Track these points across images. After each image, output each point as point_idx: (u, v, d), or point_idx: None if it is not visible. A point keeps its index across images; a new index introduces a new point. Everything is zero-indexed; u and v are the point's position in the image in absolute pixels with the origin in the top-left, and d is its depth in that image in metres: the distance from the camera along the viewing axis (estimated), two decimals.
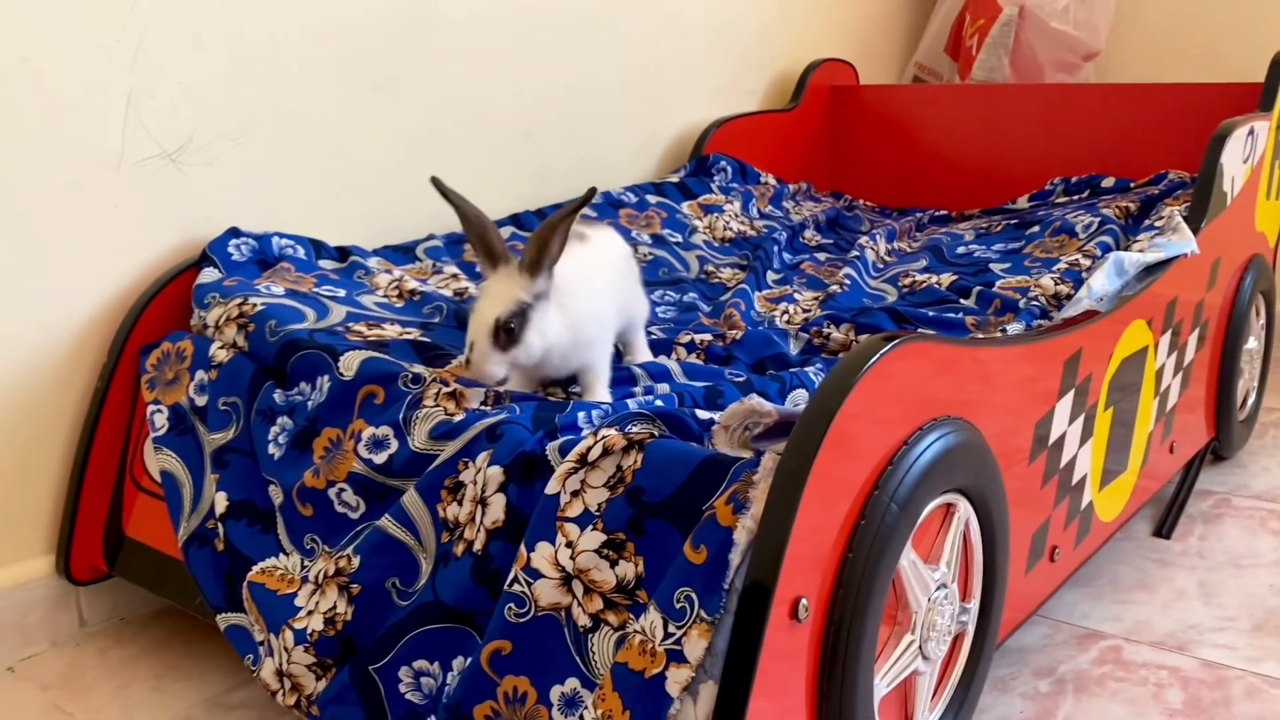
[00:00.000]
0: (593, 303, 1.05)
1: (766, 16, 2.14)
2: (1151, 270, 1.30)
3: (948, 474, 0.85)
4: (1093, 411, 1.17)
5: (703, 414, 0.91)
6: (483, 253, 1.00)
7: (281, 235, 1.32)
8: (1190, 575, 1.35)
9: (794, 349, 1.25)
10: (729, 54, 2.06)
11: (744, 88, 2.12)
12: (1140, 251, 1.31)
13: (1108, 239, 1.51)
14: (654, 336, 1.27)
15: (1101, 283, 1.25)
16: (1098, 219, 1.60)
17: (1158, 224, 1.45)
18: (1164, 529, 1.46)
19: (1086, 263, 1.45)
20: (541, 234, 0.97)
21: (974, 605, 0.95)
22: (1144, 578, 1.34)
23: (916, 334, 0.81)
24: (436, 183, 1.02)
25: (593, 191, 0.98)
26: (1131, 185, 1.87)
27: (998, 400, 0.96)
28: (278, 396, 1.06)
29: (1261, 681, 1.11)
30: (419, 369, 1.00)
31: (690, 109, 1.99)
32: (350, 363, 1.01)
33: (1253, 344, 1.70)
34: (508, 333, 0.95)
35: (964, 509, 0.90)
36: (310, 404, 1.03)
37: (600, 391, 1.05)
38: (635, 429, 0.84)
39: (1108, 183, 1.90)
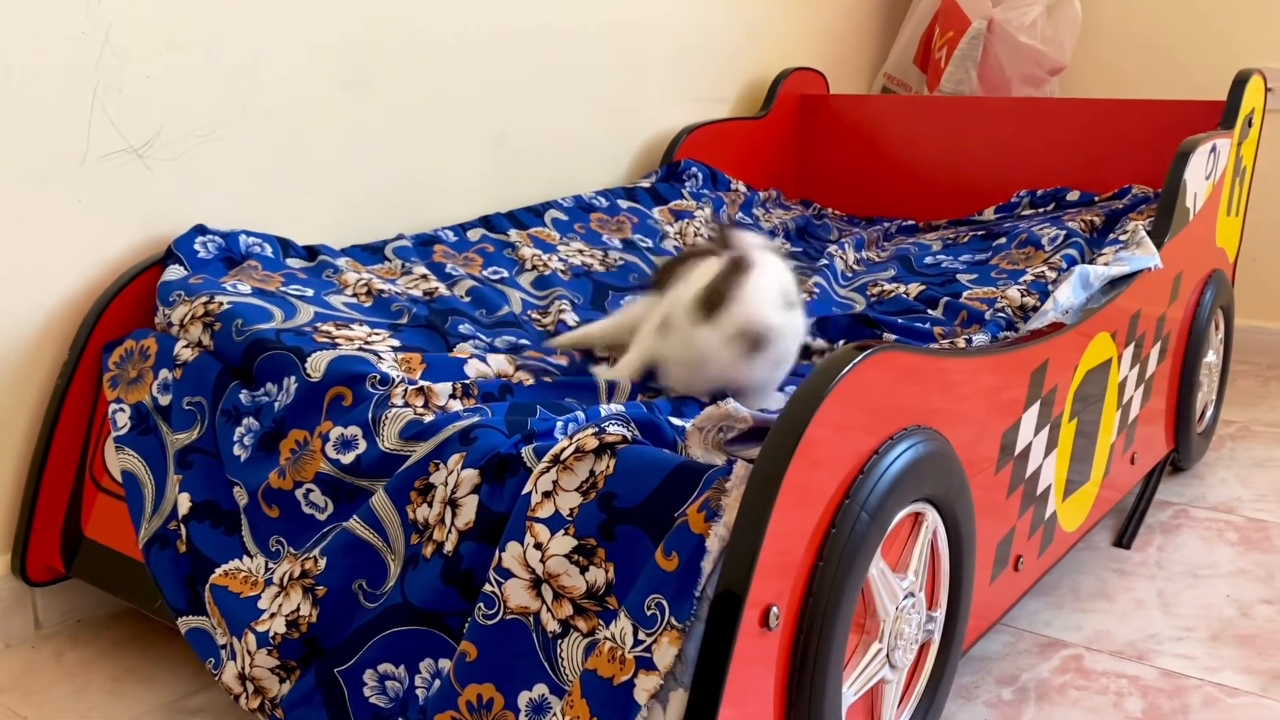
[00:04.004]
0: None
1: (739, 25, 2.14)
2: (1116, 283, 1.31)
3: (917, 483, 0.85)
4: (1058, 422, 1.18)
5: (676, 421, 0.91)
6: None
7: (249, 233, 1.30)
8: (1149, 585, 1.36)
9: None
10: (701, 61, 2.07)
11: (715, 95, 2.12)
12: (1105, 265, 1.33)
13: (1073, 252, 1.53)
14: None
15: (1067, 295, 1.26)
16: (1063, 232, 1.62)
17: (1122, 238, 1.47)
18: (1124, 539, 1.48)
19: (1052, 275, 1.47)
20: None
21: (940, 614, 0.96)
22: (1104, 587, 1.36)
23: (888, 344, 0.81)
24: None
25: None
26: (1096, 199, 1.89)
27: (966, 410, 0.97)
28: (243, 397, 1.05)
29: (1218, 691, 1.13)
30: (387, 369, 0.99)
31: (662, 114, 2.00)
32: (318, 363, 1.00)
33: (1212, 357, 1.73)
34: None
35: (932, 518, 0.91)
36: (277, 405, 1.02)
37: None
38: (610, 430, 0.83)
39: (1072, 196, 1.93)
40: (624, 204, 1.77)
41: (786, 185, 2.22)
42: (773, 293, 1.04)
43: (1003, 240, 1.70)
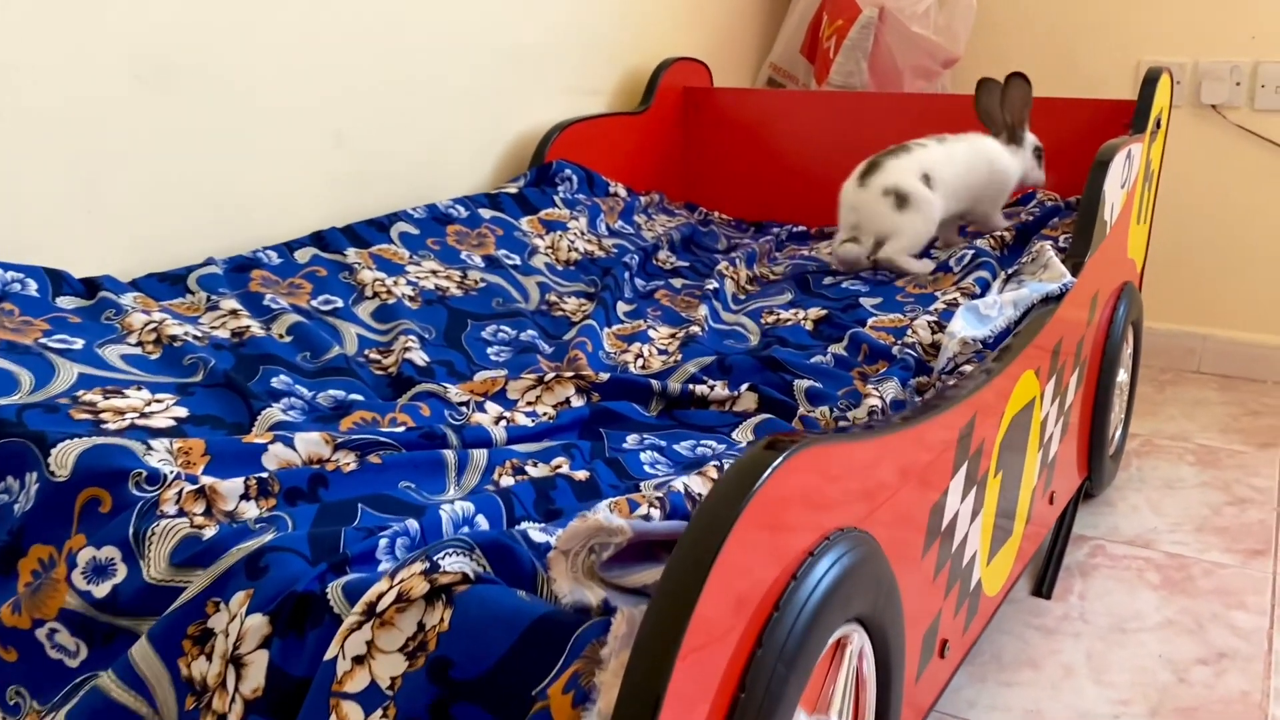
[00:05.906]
0: None
1: (614, 9, 1.94)
2: (1037, 314, 1.17)
3: (844, 605, 0.67)
4: (984, 482, 1.02)
5: (537, 534, 0.71)
6: None
7: (6, 266, 1.04)
8: (1076, 645, 1.23)
9: (654, 410, 1.06)
10: (574, 49, 1.86)
11: (589, 87, 1.92)
12: (1013, 292, 1.19)
13: (985, 273, 1.39)
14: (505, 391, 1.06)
15: (961, 326, 1.12)
16: (971, 250, 1.47)
17: (1025, 260, 1.33)
18: (1043, 588, 1.35)
19: (965, 301, 1.31)
20: None
21: None
22: (1028, 650, 1.22)
23: (808, 439, 0.63)
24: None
25: None
26: None
27: (893, 495, 0.80)
28: None
29: None
30: (158, 463, 0.77)
31: (531, 110, 1.78)
32: (64, 457, 0.76)
33: (1123, 376, 1.62)
34: None
35: (859, 640, 0.73)
36: (16, 509, 0.78)
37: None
38: (446, 563, 0.63)
39: None
40: (487, 213, 1.55)
41: (670, 187, 2.04)
42: (914, 169, 1.45)
43: None
